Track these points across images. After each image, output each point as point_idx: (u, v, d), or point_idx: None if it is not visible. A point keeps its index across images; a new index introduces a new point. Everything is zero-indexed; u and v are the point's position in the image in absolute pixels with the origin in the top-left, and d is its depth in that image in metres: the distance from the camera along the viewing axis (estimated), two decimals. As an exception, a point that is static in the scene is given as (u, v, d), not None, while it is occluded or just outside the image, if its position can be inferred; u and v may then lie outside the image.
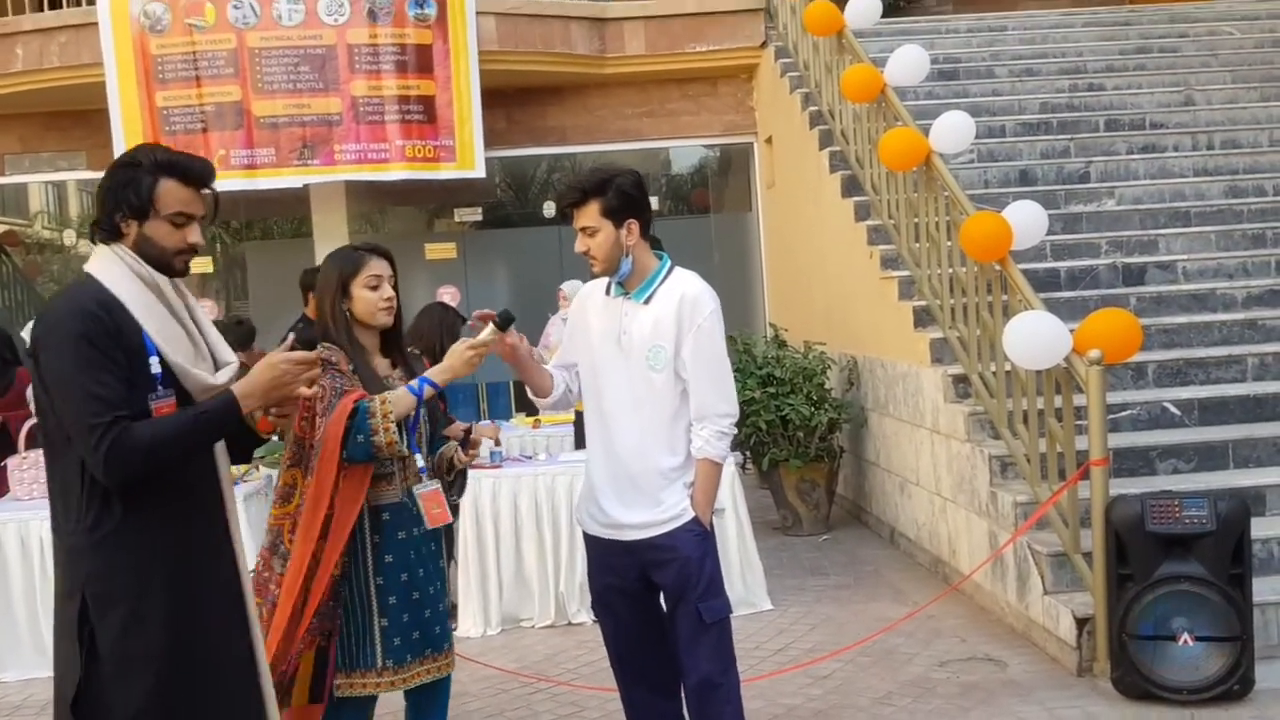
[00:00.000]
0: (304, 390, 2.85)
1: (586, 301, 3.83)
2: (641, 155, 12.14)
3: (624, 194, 3.61)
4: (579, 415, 7.69)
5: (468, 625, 6.22)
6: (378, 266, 3.56)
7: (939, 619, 5.99)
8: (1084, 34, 11.44)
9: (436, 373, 3.48)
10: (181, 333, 2.82)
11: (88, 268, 2.79)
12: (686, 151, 12.96)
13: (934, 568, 6.96)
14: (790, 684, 5.22)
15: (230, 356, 2.95)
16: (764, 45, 11.03)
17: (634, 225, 3.62)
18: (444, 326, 6.09)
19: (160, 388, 2.72)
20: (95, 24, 9.64)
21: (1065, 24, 11.76)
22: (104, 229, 2.80)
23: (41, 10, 10.51)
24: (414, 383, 3.47)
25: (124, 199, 2.77)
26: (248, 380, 2.78)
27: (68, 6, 10.42)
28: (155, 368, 2.72)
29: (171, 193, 2.79)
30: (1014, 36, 11.37)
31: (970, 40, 11.23)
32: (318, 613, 3.36)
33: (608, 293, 3.75)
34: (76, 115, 10.71)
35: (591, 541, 3.81)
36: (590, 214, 3.60)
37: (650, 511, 3.62)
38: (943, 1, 14.95)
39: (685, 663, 3.67)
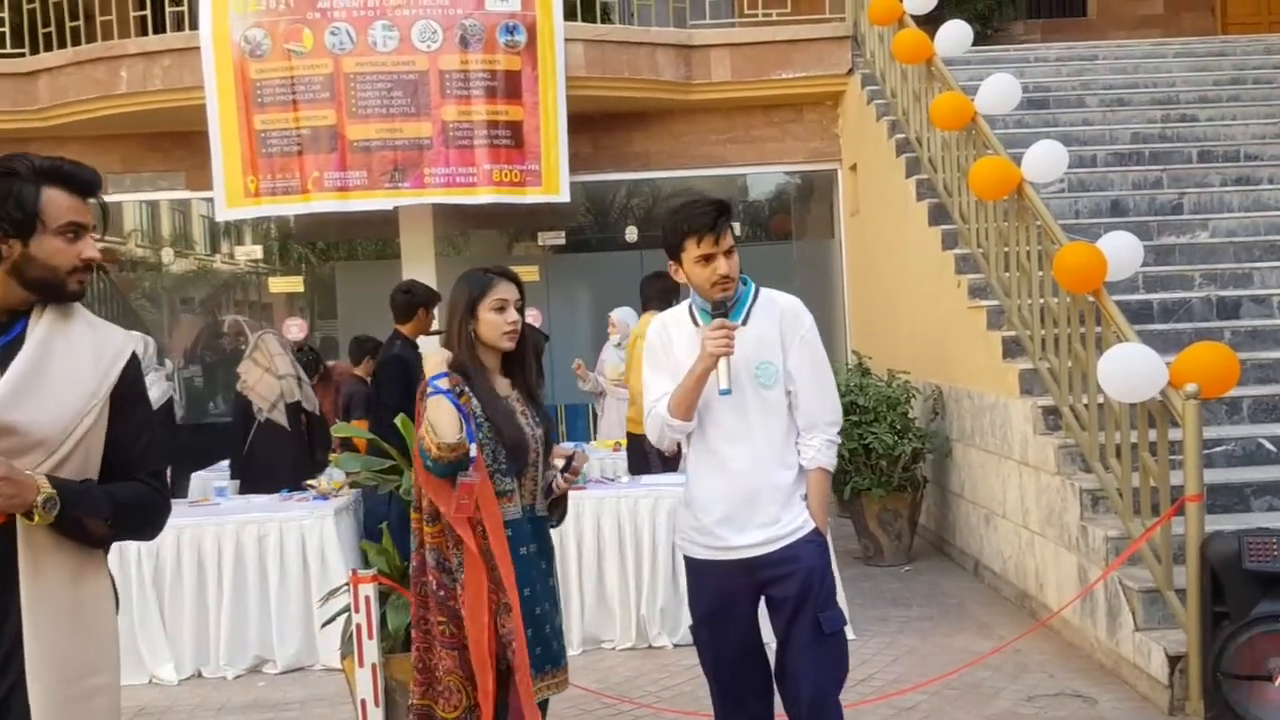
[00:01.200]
0: None
1: (669, 337, 3.70)
2: (723, 180, 12.19)
3: None
4: (631, 439, 7.73)
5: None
6: (505, 290, 3.60)
7: (1025, 653, 5.92)
8: (1176, 64, 11.32)
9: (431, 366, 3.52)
10: None
11: None
12: (768, 177, 12.97)
13: (1020, 601, 6.87)
14: (874, 715, 5.18)
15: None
16: (850, 73, 11.03)
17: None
18: (529, 345, 6.15)
19: None
20: (198, 48, 9.89)
21: (1157, 54, 11.65)
22: None
23: (146, 34, 10.84)
24: (426, 385, 3.47)
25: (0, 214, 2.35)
26: None
27: (171, 31, 10.75)
28: None
29: (58, 202, 2.39)
30: (1104, 66, 11.28)
31: (1060, 69, 11.14)
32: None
33: (694, 321, 3.66)
34: (177, 136, 11.00)
35: (697, 565, 3.72)
36: (729, 235, 3.57)
37: (769, 529, 3.58)
38: (1030, 30, 14.85)
39: (800, 674, 3.57)
